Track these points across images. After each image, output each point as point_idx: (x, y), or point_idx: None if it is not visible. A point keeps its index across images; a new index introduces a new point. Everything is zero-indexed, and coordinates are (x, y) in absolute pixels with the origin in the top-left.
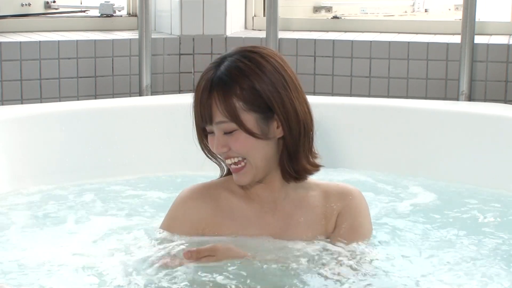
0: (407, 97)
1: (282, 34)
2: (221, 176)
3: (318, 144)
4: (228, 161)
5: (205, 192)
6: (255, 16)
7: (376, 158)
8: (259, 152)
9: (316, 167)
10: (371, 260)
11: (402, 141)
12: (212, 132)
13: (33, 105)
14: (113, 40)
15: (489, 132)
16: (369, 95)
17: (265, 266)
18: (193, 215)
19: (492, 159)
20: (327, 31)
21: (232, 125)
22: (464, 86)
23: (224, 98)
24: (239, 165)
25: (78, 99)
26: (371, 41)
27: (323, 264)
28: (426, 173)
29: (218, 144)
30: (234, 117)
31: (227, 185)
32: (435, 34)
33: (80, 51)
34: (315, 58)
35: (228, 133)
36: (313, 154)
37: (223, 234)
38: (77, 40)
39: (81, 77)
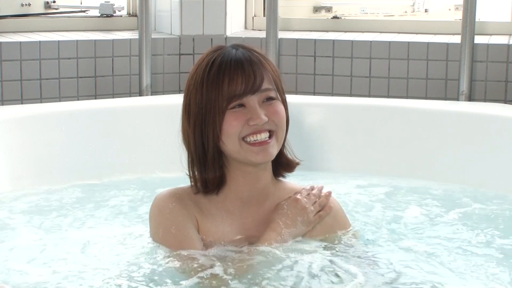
0: (407, 97)
1: (282, 34)
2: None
3: (318, 144)
4: (259, 136)
5: (187, 195)
6: (255, 16)
7: (376, 158)
8: (284, 126)
9: (296, 163)
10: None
11: (402, 141)
12: (240, 106)
13: (33, 105)
14: (113, 40)
15: (489, 132)
16: (369, 95)
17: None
18: (186, 211)
19: (492, 159)
20: (327, 31)
21: (274, 93)
22: (464, 86)
23: (270, 68)
24: (267, 139)
25: (78, 99)
26: (371, 41)
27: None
28: (426, 173)
29: (261, 112)
30: (277, 86)
31: (199, 193)
32: (435, 34)
33: (80, 51)
34: (315, 58)
35: (266, 103)
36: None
37: (207, 240)
38: (77, 40)
39: (81, 77)
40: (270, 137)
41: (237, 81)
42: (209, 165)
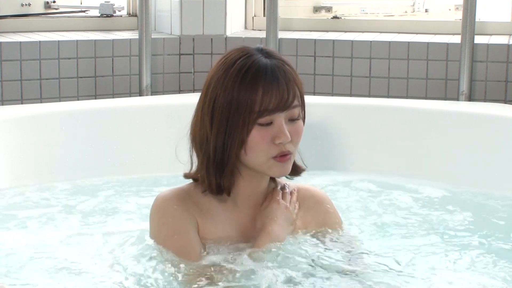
0: (407, 97)
1: (282, 34)
2: (191, 177)
3: (318, 144)
4: (280, 153)
5: (188, 196)
6: (255, 16)
7: (376, 158)
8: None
9: (302, 169)
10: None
11: (402, 141)
12: (267, 124)
13: (33, 105)
14: (113, 40)
15: (489, 132)
16: (369, 95)
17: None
18: (187, 214)
19: (492, 159)
20: (327, 31)
21: (298, 111)
22: (464, 86)
23: (298, 81)
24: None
25: (78, 99)
26: (371, 41)
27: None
28: (426, 173)
29: (287, 131)
30: (303, 103)
31: (200, 191)
32: (435, 34)
33: (80, 51)
34: (315, 58)
35: (291, 122)
36: None
37: (208, 239)
38: (77, 40)
39: (81, 77)
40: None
41: (271, 95)
42: (227, 172)
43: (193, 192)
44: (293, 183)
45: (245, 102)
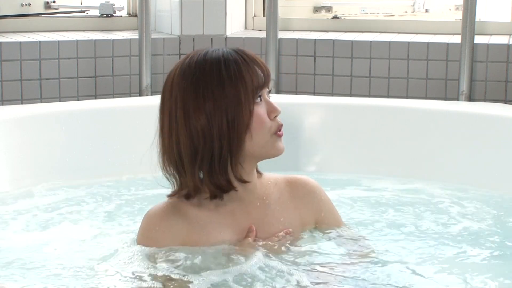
0: (407, 97)
1: (282, 34)
2: (173, 194)
3: (318, 144)
4: (279, 126)
5: (175, 211)
6: (255, 16)
7: (376, 158)
8: None
9: None
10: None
11: (402, 141)
12: (260, 101)
13: (33, 105)
14: (113, 40)
15: (489, 132)
16: (369, 95)
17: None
18: (170, 233)
19: (492, 159)
20: (327, 31)
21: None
22: (464, 86)
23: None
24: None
25: (78, 99)
26: (371, 41)
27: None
28: (425, 174)
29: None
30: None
31: (189, 202)
32: (435, 34)
33: (80, 51)
34: (315, 58)
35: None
36: None
37: (203, 248)
38: (77, 40)
39: (81, 77)
40: None
41: (257, 74)
42: (234, 163)
43: (182, 205)
44: (281, 175)
45: (239, 88)
